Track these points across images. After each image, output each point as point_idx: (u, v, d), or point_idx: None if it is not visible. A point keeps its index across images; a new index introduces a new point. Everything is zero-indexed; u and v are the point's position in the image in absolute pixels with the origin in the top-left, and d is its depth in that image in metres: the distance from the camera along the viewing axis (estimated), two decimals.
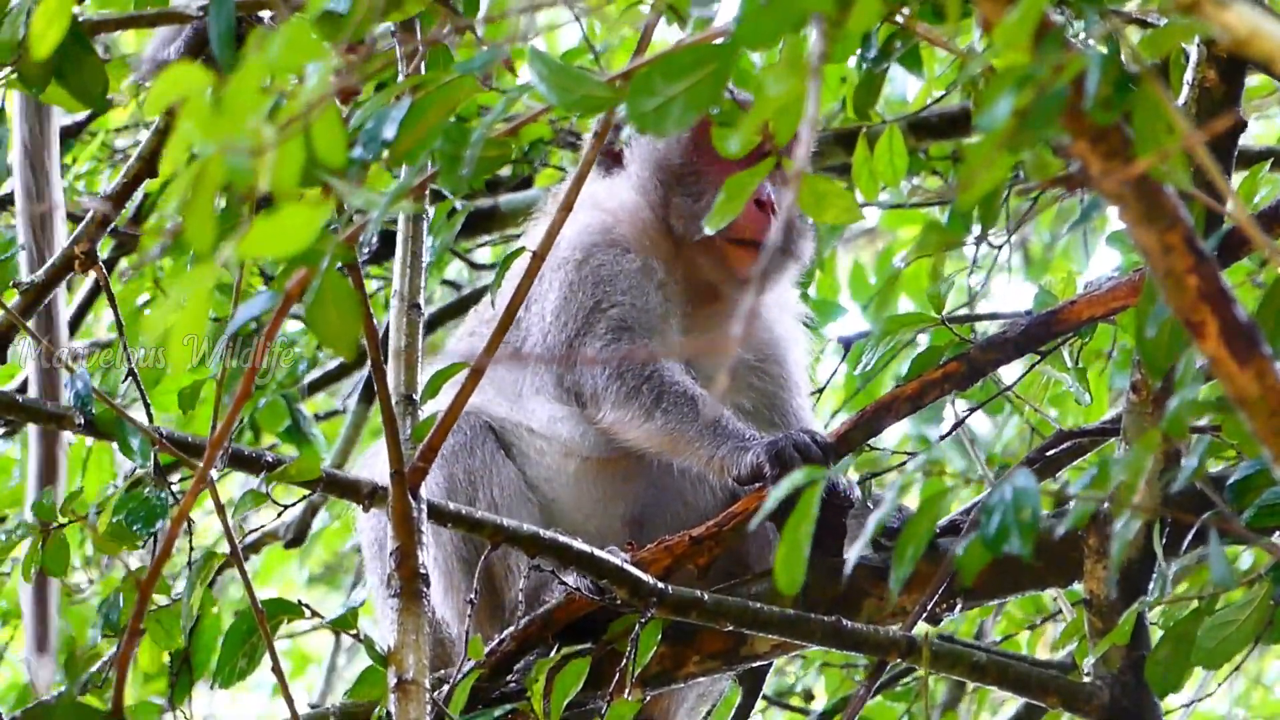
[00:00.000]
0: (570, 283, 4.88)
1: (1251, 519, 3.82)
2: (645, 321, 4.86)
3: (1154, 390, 4.27)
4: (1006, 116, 2.57)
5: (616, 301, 4.88)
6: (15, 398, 4.46)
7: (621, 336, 4.83)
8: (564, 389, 4.88)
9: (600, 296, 4.89)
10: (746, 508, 4.54)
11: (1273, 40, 2.43)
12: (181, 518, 3.10)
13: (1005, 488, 2.85)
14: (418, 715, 3.42)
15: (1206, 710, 7.53)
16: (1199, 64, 4.23)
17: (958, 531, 4.53)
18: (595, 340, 4.84)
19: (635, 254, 4.95)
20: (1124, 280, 4.43)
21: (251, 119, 2.44)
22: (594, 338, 4.84)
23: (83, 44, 4.17)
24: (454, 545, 4.74)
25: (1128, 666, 4.40)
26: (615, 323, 4.85)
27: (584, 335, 4.86)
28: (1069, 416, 5.99)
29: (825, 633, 4.29)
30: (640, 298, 4.89)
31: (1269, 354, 2.66)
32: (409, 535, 3.65)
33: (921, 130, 6.61)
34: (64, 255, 4.56)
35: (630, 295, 4.89)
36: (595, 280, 4.90)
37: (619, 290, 4.89)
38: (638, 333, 4.84)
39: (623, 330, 4.84)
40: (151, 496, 4.35)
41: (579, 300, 4.89)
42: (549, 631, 4.48)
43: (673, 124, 2.69)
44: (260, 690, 9.14)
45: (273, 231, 2.45)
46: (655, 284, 4.92)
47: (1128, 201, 2.67)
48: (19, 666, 7.22)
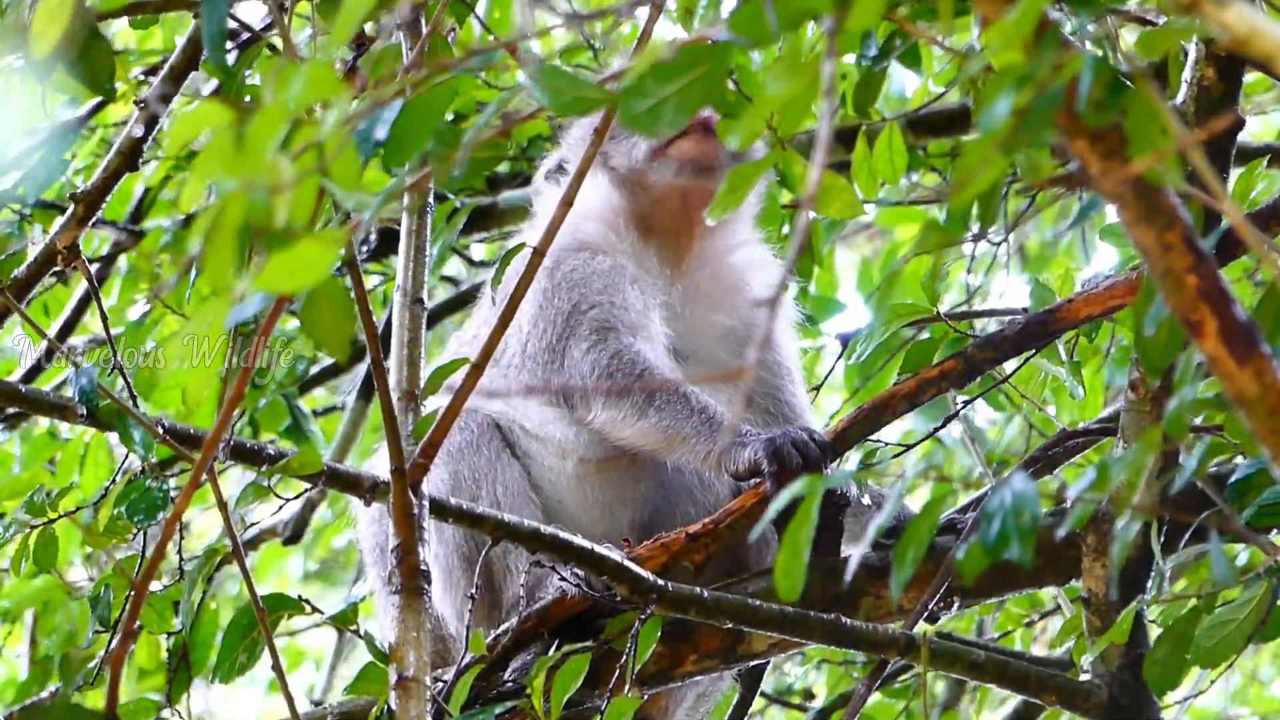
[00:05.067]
0: (544, 289, 4.86)
1: (1251, 518, 3.82)
2: (627, 319, 4.85)
3: (1152, 389, 4.28)
4: (1006, 116, 2.57)
5: (595, 302, 4.87)
6: (18, 387, 4.46)
7: (606, 336, 4.81)
8: (552, 393, 4.86)
9: (577, 299, 4.87)
10: (743, 505, 4.54)
11: (1271, 39, 2.44)
12: (179, 513, 3.10)
13: (1004, 491, 2.85)
14: (418, 712, 3.42)
15: (1203, 707, 7.53)
16: (1197, 62, 4.23)
17: (955, 530, 4.53)
18: (580, 342, 4.82)
19: (605, 255, 4.94)
20: (1122, 279, 4.43)
21: (270, 153, 2.48)
22: (578, 340, 4.83)
23: (92, 30, 4.16)
24: (455, 542, 4.74)
25: (1126, 664, 4.40)
26: (597, 323, 4.84)
27: (566, 339, 4.84)
28: (1064, 412, 5.98)
29: (824, 631, 4.29)
30: (618, 295, 4.88)
31: (1268, 353, 2.66)
32: (410, 532, 3.65)
33: (921, 127, 6.61)
34: (46, 250, 4.56)
35: (608, 294, 4.88)
36: (569, 284, 4.88)
37: (595, 291, 4.88)
38: (621, 331, 4.83)
39: (606, 330, 4.82)
40: (152, 488, 4.35)
41: (555, 305, 4.87)
42: (545, 628, 4.48)
43: (665, 125, 2.69)
44: (256, 686, 9.15)
45: (287, 265, 2.48)
46: (629, 280, 4.92)
47: (1126, 200, 2.67)
48: (16, 664, 7.22)
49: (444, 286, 7.64)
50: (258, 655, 4.28)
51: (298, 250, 2.48)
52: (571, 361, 4.81)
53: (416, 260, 4.72)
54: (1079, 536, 4.41)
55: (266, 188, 2.49)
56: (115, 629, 4.63)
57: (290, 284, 2.53)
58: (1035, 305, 4.67)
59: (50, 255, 4.56)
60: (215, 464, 4.01)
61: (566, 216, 3.89)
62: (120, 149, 4.59)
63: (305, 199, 2.52)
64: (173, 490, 4.39)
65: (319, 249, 2.48)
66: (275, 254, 2.48)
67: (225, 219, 2.48)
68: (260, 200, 2.48)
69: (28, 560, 4.66)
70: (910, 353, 4.59)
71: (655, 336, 4.89)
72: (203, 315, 2.53)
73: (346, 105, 2.58)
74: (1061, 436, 4.67)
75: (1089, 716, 4.40)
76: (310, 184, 2.53)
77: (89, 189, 4.58)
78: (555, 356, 4.83)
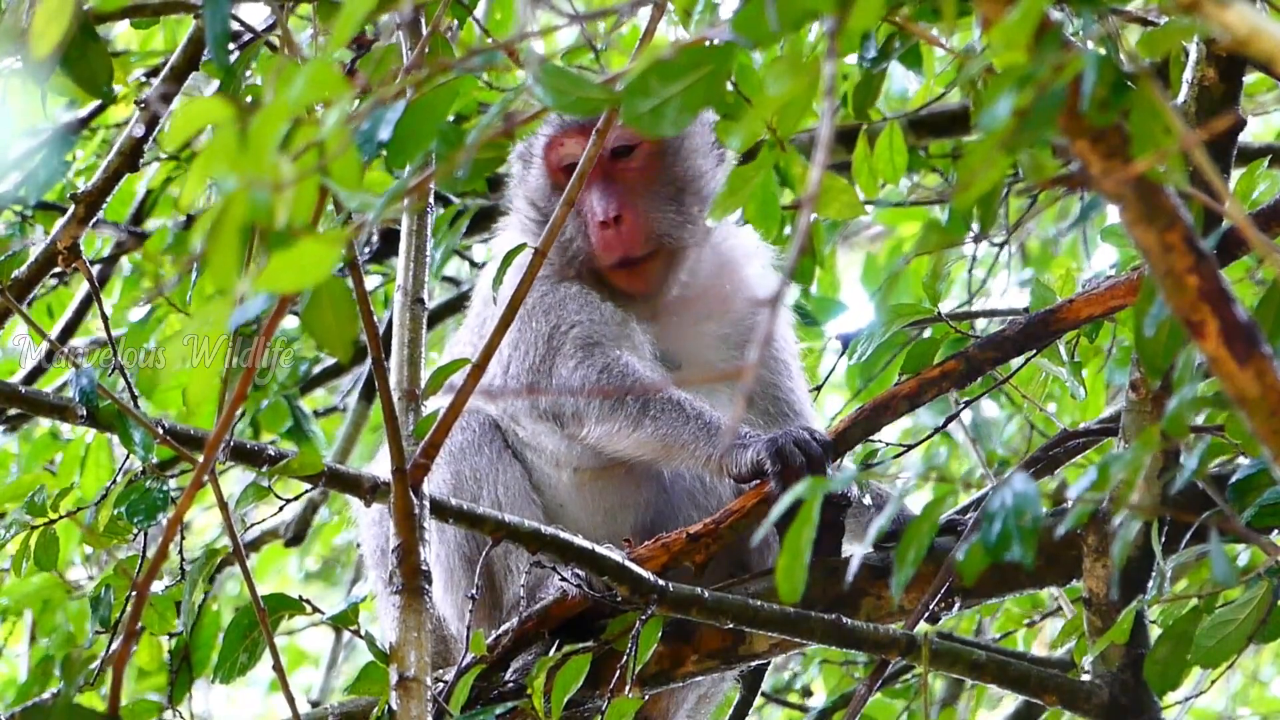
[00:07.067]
0: (520, 316, 4.80)
1: (1252, 518, 3.82)
2: (610, 332, 4.82)
3: (1153, 389, 4.28)
4: (1007, 116, 2.57)
5: (575, 321, 4.84)
6: (18, 388, 4.45)
7: (593, 351, 4.78)
8: (539, 413, 4.84)
9: (556, 320, 4.84)
10: (744, 505, 4.53)
11: (1272, 39, 2.44)
12: (180, 514, 3.10)
13: (1005, 492, 2.85)
14: (419, 713, 3.42)
15: (1204, 707, 7.53)
16: (1198, 62, 4.23)
17: (956, 531, 4.53)
18: (566, 360, 4.79)
19: (569, 282, 4.91)
20: (1123, 279, 4.43)
21: (271, 153, 2.48)
22: (563, 358, 4.80)
23: (89, 33, 4.17)
24: (456, 542, 4.74)
25: (1127, 665, 4.40)
26: (581, 340, 4.81)
27: (552, 358, 4.82)
28: (1065, 413, 5.99)
29: (825, 631, 4.29)
30: (595, 312, 4.85)
31: (1269, 353, 2.66)
32: (411, 532, 3.66)
33: (921, 128, 6.61)
34: (47, 250, 4.56)
35: (585, 312, 4.84)
36: (544, 309, 4.85)
37: (571, 311, 4.85)
38: (606, 344, 4.80)
39: (591, 345, 4.80)
40: (152, 488, 4.35)
41: (534, 328, 4.84)
42: (546, 628, 4.48)
43: (669, 125, 2.69)
44: (256, 686, 9.15)
45: (289, 265, 2.48)
46: (599, 299, 4.89)
47: (1128, 201, 2.67)
48: (15, 662, 7.22)
49: (444, 287, 7.64)
50: (259, 655, 4.28)
51: (299, 250, 2.49)
52: (559, 379, 4.78)
53: (417, 260, 4.71)
54: (1079, 537, 4.41)
55: (268, 186, 2.49)
56: (116, 629, 4.63)
57: (292, 283, 2.53)
58: (1036, 305, 4.66)
59: (51, 255, 4.56)
60: (216, 465, 4.01)
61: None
62: (121, 149, 4.59)
63: (307, 198, 2.53)
64: (173, 491, 4.39)
65: (321, 248, 2.49)
66: (277, 253, 2.48)
67: (228, 217, 2.48)
68: (262, 199, 2.48)
69: (28, 560, 4.66)
70: (911, 353, 4.59)
71: (640, 346, 4.86)
72: (205, 315, 2.53)
73: (348, 105, 2.58)
74: (1062, 437, 4.67)
75: (1090, 717, 4.40)
76: (311, 184, 2.53)
77: (90, 189, 4.58)
78: (540, 377, 4.80)
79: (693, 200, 4.88)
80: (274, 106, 2.49)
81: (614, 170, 4.85)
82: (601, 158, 4.78)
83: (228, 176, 2.48)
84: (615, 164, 4.85)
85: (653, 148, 4.87)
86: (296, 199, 2.50)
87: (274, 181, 2.49)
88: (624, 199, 4.83)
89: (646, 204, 4.85)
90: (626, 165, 4.86)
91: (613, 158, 4.85)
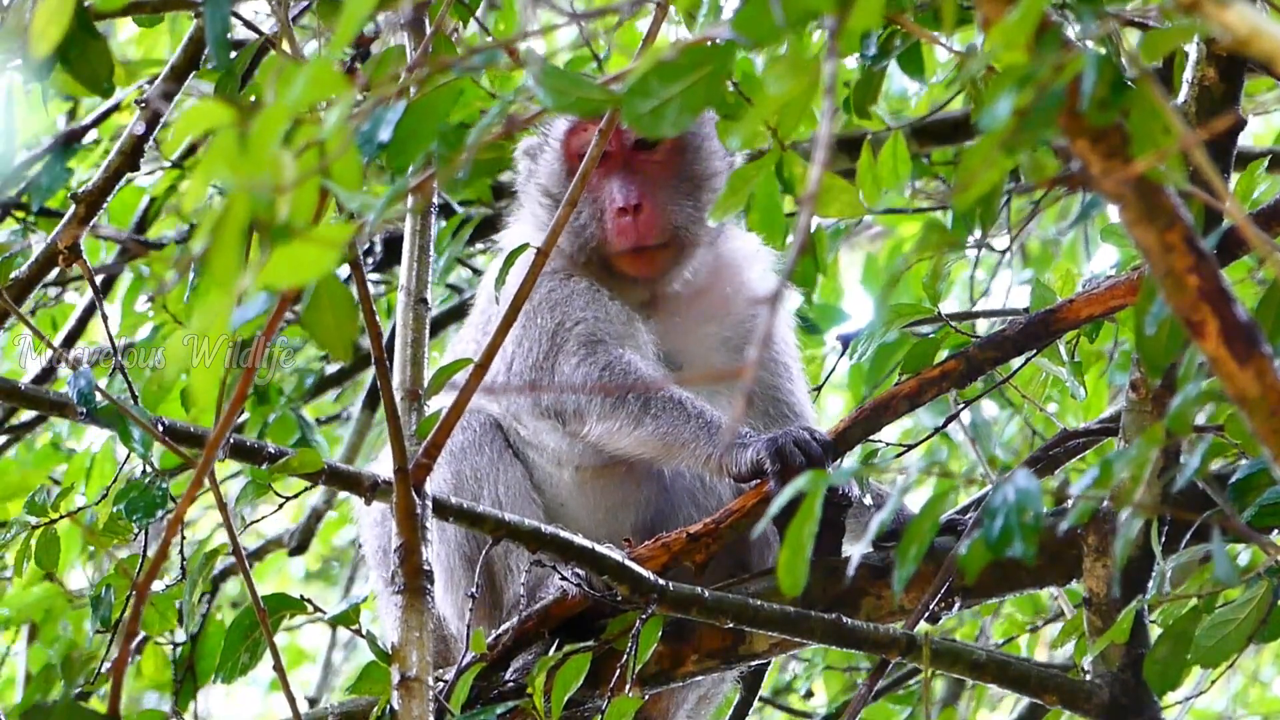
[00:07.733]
0: (525, 311, 4.81)
1: (1253, 518, 3.82)
2: (613, 330, 4.84)
3: (1153, 389, 4.28)
4: (1007, 116, 2.57)
5: (579, 318, 4.86)
6: (18, 385, 4.46)
7: (595, 349, 4.80)
8: (541, 410, 4.85)
9: (561, 317, 4.86)
10: (744, 505, 4.54)
11: (1273, 40, 2.44)
12: (180, 514, 3.10)
13: (1007, 489, 2.85)
14: (421, 713, 3.42)
15: (1204, 707, 7.53)
16: (1199, 63, 4.23)
17: (955, 530, 4.54)
18: (569, 357, 4.81)
19: (577, 277, 4.93)
20: (1123, 279, 4.43)
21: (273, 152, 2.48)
22: (566, 355, 4.82)
23: (89, 30, 4.16)
24: (457, 541, 4.74)
25: (1127, 664, 4.40)
26: (584, 337, 4.82)
27: (554, 355, 4.83)
28: (1067, 413, 5.98)
29: (825, 630, 4.29)
30: (600, 310, 4.87)
31: (1269, 353, 2.66)
32: (414, 532, 3.66)
33: (924, 135, 6.61)
34: (47, 250, 4.56)
35: (590, 310, 4.87)
36: (550, 304, 4.87)
37: (577, 308, 4.87)
38: (609, 342, 4.82)
39: (594, 342, 4.81)
40: (152, 487, 4.35)
41: (539, 325, 4.86)
42: (546, 627, 4.48)
43: (669, 126, 2.70)
44: (256, 686, 9.15)
45: (290, 261, 2.49)
46: (607, 297, 4.91)
47: (1128, 200, 2.67)
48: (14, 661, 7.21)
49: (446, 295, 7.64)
50: (260, 655, 4.28)
51: (300, 246, 2.49)
52: (562, 376, 4.79)
53: (420, 261, 4.72)
54: (1080, 536, 4.41)
55: (270, 186, 2.49)
56: (116, 630, 4.63)
57: (292, 280, 2.53)
58: (1036, 305, 4.67)
59: (51, 255, 4.56)
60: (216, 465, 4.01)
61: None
62: (121, 148, 4.59)
63: (307, 198, 2.53)
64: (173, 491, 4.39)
65: (321, 244, 2.48)
66: (277, 249, 2.48)
67: (230, 217, 2.48)
68: (263, 199, 2.48)
69: (29, 561, 4.66)
70: (912, 353, 4.59)
71: (643, 346, 4.88)
72: (205, 313, 2.53)
73: (349, 105, 2.58)
74: (1062, 437, 4.68)
75: (1090, 716, 4.41)
76: (312, 183, 2.53)
77: (90, 189, 4.58)
78: (543, 374, 4.82)
79: (709, 199, 4.93)
80: (275, 108, 2.49)
81: (635, 161, 4.90)
82: (624, 148, 4.88)
83: (229, 179, 2.48)
84: (637, 155, 4.90)
85: (676, 143, 4.92)
86: (297, 199, 2.50)
87: (275, 181, 2.49)
88: (644, 189, 4.88)
89: (665, 196, 4.89)
90: (649, 158, 4.91)
91: (635, 149, 4.90)
